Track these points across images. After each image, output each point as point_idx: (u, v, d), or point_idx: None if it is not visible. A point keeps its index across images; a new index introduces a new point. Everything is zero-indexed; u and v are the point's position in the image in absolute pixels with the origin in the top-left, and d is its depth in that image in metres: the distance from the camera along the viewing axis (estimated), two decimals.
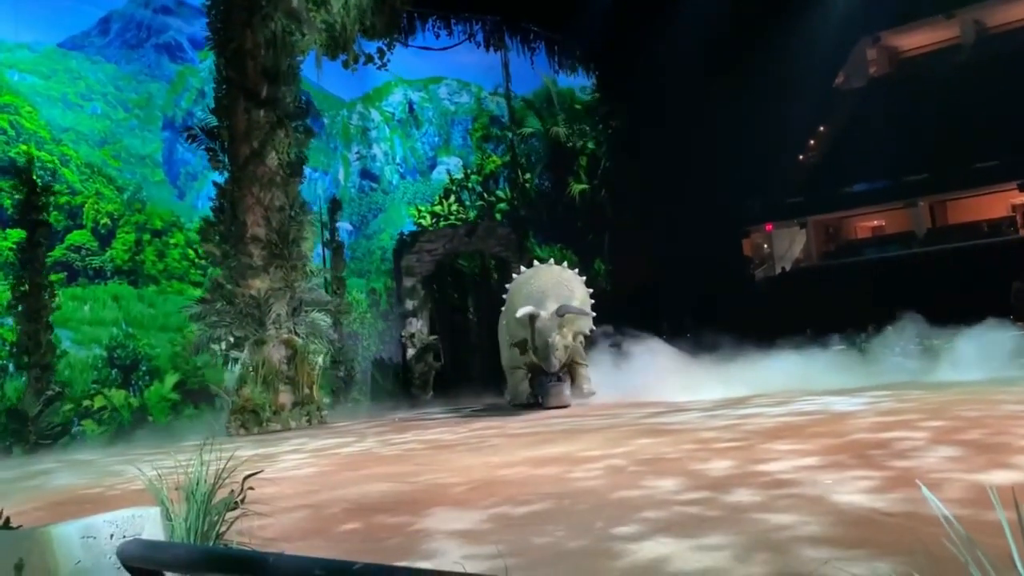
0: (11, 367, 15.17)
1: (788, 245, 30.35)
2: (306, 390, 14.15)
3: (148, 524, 3.06)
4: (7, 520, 3.64)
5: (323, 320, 14.98)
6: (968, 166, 24.88)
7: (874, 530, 3.53)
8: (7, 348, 15.28)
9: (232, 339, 13.95)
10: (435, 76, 23.60)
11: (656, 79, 22.28)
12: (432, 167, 23.25)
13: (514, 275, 13.43)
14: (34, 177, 15.43)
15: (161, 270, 17.39)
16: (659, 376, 12.19)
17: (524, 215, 23.85)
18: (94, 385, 16.05)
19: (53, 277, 15.68)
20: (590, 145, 25.63)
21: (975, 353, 11.02)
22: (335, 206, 19.82)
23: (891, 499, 4.04)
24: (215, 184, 14.95)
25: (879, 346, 13.50)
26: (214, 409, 15.37)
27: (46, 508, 6.24)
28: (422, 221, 22.42)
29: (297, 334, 14.36)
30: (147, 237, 17.51)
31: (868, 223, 31.65)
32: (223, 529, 3.54)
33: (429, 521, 4.52)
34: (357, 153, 21.84)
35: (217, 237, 14.52)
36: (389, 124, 22.66)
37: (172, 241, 18.06)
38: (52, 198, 15.79)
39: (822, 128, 30.57)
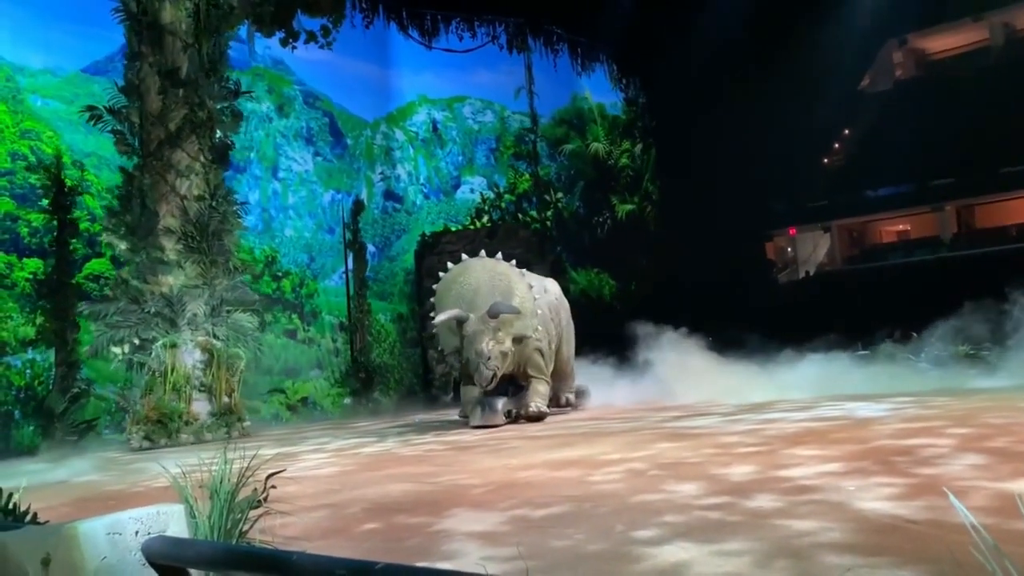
0: (17, 414, 14.04)
1: (812, 249, 30.15)
2: (225, 399, 13.02)
3: (172, 521, 3.09)
4: (35, 516, 3.71)
5: (248, 321, 13.75)
6: (996, 170, 24.61)
7: (898, 537, 3.50)
8: (13, 393, 14.12)
9: (137, 341, 12.85)
10: (459, 95, 23.33)
11: (680, 82, 22.21)
12: (456, 187, 22.99)
13: (440, 274, 11.41)
14: (62, 176, 15.36)
15: None
16: (685, 379, 12.12)
17: (555, 235, 23.46)
18: (106, 431, 14.94)
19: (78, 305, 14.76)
20: (624, 160, 25.20)
21: (1002, 359, 10.90)
22: (357, 207, 19.91)
23: (915, 506, 4.00)
24: (122, 170, 14.01)
25: (904, 352, 13.36)
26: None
27: (72, 504, 6.33)
28: None
29: (217, 336, 13.27)
30: None
31: (893, 227, 31.38)
32: (246, 527, 3.57)
33: (449, 522, 4.53)
34: (381, 174, 21.54)
35: (123, 229, 13.47)
36: (413, 144, 22.36)
37: None
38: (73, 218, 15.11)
39: (847, 131, 30.32)
